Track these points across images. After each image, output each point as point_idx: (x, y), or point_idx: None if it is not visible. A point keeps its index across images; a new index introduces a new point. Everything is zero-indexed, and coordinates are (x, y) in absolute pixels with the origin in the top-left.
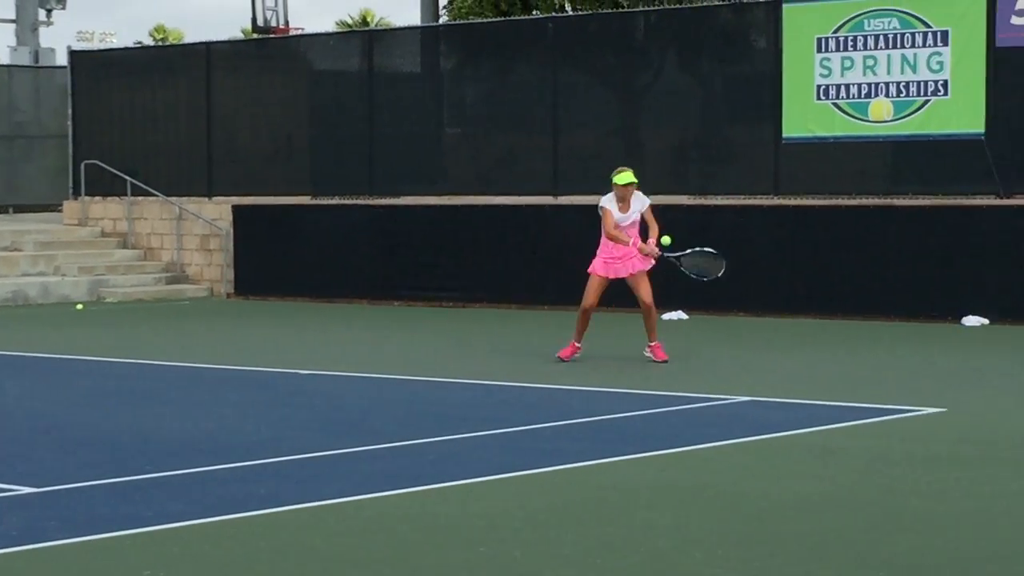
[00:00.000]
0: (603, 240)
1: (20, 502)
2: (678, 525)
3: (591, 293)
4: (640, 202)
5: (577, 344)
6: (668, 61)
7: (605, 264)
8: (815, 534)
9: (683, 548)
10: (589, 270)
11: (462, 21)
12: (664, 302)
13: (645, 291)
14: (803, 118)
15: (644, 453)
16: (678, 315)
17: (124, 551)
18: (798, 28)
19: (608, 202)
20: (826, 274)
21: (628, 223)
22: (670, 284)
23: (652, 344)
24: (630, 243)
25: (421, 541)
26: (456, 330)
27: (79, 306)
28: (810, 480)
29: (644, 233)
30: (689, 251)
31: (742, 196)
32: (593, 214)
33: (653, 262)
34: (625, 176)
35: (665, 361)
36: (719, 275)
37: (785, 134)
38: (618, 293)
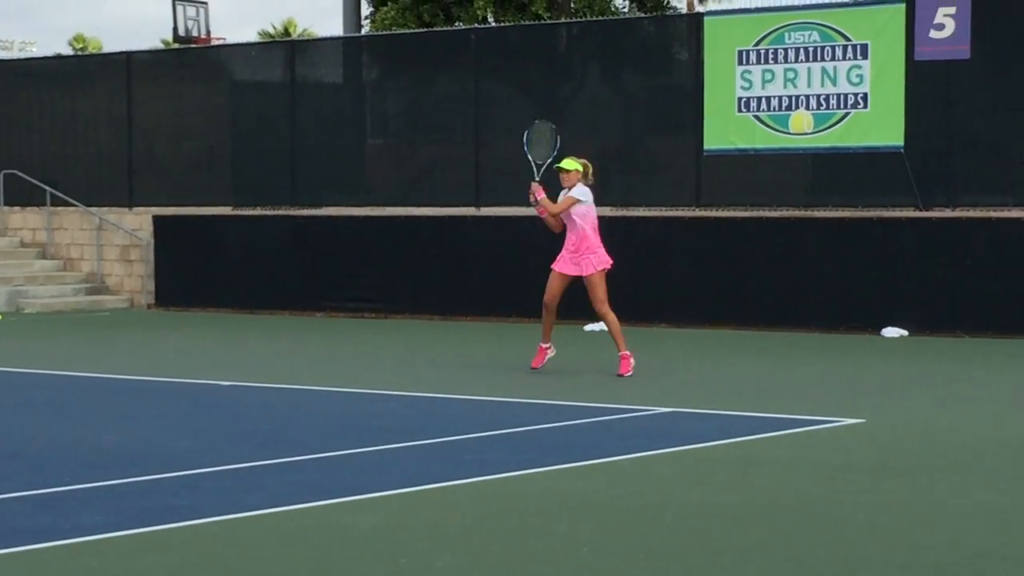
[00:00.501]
0: (566, 235)
1: None
2: (599, 536)
3: (548, 288)
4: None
5: (544, 346)
6: (590, 73)
7: (561, 259)
8: (736, 545)
9: (604, 559)
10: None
11: (384, 32)
12: (590, 314)
13: (592, 294)
14: (724, 130)
15: (566, 464)
16: (600, 326)
17: (41, 564)
18: (719, 40)
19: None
20: (747, 286)
21: (568, 218)
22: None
23: (619, 354)
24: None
25: (342, 553)
26: (377, 341)
27: None
28: (731, 491)
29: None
30: (531, 150)
31: (664, 208)
32: (515, 225)
33: (605, 265)
34: (563, 160)
35: (623, 375)
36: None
37: (706, 146)
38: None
